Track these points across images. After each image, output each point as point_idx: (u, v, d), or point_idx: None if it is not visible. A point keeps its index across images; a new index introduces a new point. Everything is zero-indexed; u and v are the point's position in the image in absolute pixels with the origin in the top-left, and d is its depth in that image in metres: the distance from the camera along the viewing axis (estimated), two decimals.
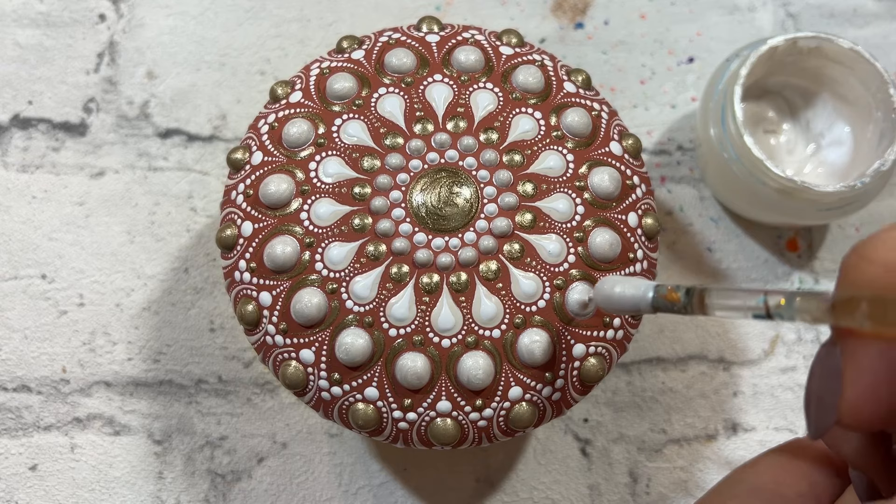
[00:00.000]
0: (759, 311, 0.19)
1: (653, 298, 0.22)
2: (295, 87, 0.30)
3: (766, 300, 0.18)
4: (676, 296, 0.21)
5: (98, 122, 0.39)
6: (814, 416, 0.19)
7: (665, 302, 0.22)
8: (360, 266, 0.27)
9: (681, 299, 0.21)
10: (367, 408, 0.27)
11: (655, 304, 0.22)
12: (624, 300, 0.23)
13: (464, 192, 0.27)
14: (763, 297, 0.18)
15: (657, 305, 0.22)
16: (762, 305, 0.18)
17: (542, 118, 0.29)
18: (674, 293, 0.21)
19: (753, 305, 0.19)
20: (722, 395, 0.37)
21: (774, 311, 0.18)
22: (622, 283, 0.24)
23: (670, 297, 0.21)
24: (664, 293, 0.22)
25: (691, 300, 0.21)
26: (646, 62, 0.41)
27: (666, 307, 0.22)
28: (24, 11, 0.40)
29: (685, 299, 0.21)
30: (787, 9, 0.42)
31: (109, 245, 0.37)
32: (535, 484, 0.36)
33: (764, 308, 0.18)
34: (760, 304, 0.18)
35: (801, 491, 0.22)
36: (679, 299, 0.21)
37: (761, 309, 0.18)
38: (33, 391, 0.36)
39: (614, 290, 0.23)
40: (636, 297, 0.23)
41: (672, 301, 0.21)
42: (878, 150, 0.35)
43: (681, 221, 0.39)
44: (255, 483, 0.35)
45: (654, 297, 0.22)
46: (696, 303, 0.21)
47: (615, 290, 0.23)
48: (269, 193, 0.27)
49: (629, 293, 0.23)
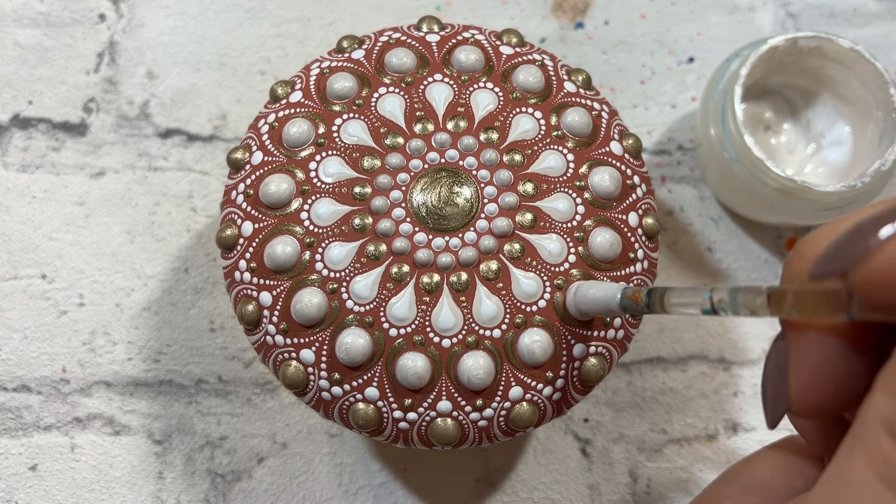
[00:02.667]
0: (706, 307, 0.19)
1: (620, 299, 0.23)
2: (295, 87, 0.30)
3: (712, 296, 0.19)
4: (639, 296, 0.23)
5: (98, 122, 0.39)
6: (770, 407, 0.19)
7: (630, 302, 0.23)
8: (360, 266, 0.27)
9: (643, 299, 0.22)
10: (367, 408, 0.27)
11: (623, 305, 0.23)
12: (596, 301, 0.25)
13: (464, 191, 0.27)
14: (709, 293, 0.19)
15: (624, 306, 0.23)
16: (707, 300, 0.19)
17: (543, 118, 0.29)
18: (637, 294, 0.23)
19: (700, 301, 0.20)
20: (722, 395, 0.37)
21: (718, 305, 0.19)
22: (596, 286, 0.25)
23: (634, 297, 0.23)
24: (629, 294, 0.23)
25: (652, 300, 0.22)
26: (646, 62, 0.41)
27: (631, 308, 0.23)
28: (24, 11, 0.40)
29: (646, 299, 0.22)
30: (788, 9, 0.42)
31: (109, 245, 0.37)
32: (536, 484, 0.36)
33: (709, 303, 0.19)
34: (706, 300, 0.19)
35: (796, 487, 0.22)
36: (641, 299, 0.22)
37: (707, 303, 0.19)
38: (33, 391, 0.36)
39: (589, 293, 0.25)
40: (606, 299, 0.24)
41: (636, 301, 0.23)
42: (878, 150, 0.35)
43: (681, 221, 0.39)
44: (255, 483, 0.35)
45: (622, 298, 0.23)
46: (658, 302, 0.22)
47: (590, 292, 0.25)
48: (270, 193, 0.27)
49: (600, 295, 0.24)
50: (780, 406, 0.19)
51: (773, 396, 0.19)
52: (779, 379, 0.18)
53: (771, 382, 0.19)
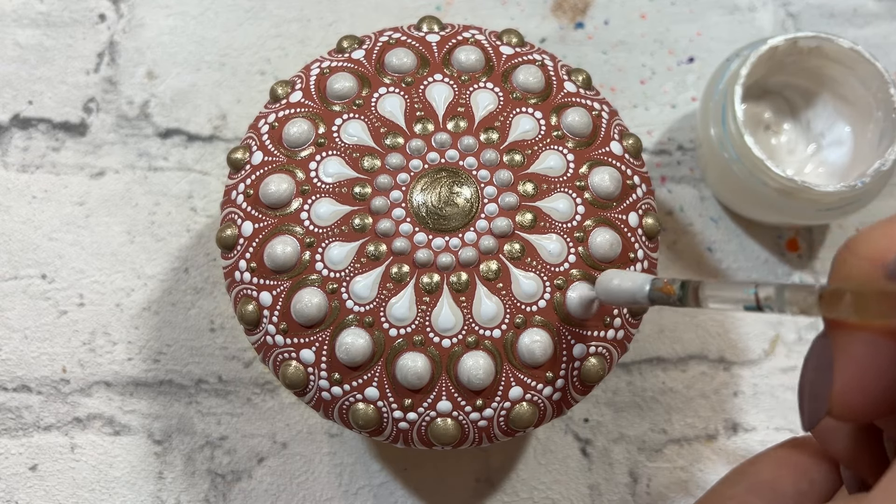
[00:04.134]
0: (750, 303, 0.19)
1: (649, 291, 0.23)
2: (295, 87, 0.30)
3: (757, 292, 0.19)
4: (672, 288, 0.22)
5: (98, 122, 0.39)
6: (807, 408, 0.19)
7: (661, 295, 0.22)
8: (360, 266, 0.27)
9: (676, 292, 0.22)
10: (367, 408, 0.27)
11: (652, 297, 0.23)
12: (622, 292, 0.24)
13: (464, 191, 0.27)
14: (753, 289, 0.19)
15: (654, 298, 0.23)
16: (752, 297, 0.19)
17: (543, 118, 0.29)
18: (669, 286, 0.22)
19: (744, 297, 0.19)
20: (722, 395, 0.37)
21: (764, 302, 0.19)
22: (620, 276, 0.24)
23: (666, 289, 0.22)
24: (660, 286, 0.22)
25: (686, 293, 0.21)
26: (646, 62, 0.41)
27: (662, 300, 0.22)
28: (24, 11, 0.40)
29: (680, 292, 0.22)
30: (788, 9, 0.42)
31: (109, 245, 0.37)
32: (536, 484, 0.36)
33: (754, 299, 0.19)
34: (751, 296, 0.19)
35: (800, 488, 0.22)
36: (674, 292, 0.22)
37: (752, 300, 0.19)
38: (33, 391, 0.36)
39: (612, 283, 0.24)
40: (633, 290, 0.23)
41: (668, 294, 0.22)
42: (878, 150, 0.35)
43: (681, 221, 0.39)
44: (255, 483, 0.35)
45: (651, 289, 0.23)
46: (691, 296, 0.21)
47: (613, 282, 0.24)
48: (270, 193, 0.27)
49: (626, 285, 0.24)
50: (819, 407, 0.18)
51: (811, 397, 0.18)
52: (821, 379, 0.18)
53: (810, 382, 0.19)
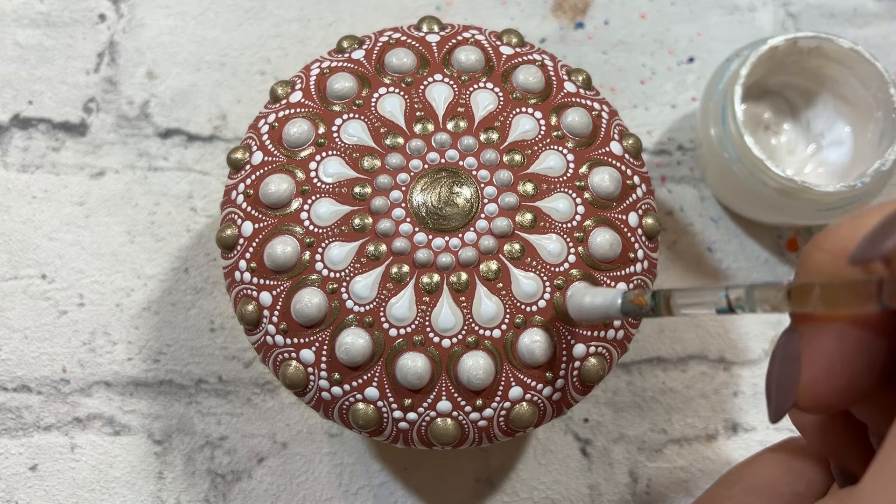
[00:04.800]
0: (722, 305, 0.19)
1: (622, 304, 0.23)
2: (295, 87, 0.30)
3: (728, 294, 0.19)
4: (643, 300, 0.22)
5: (98, 122, 0.39)
6: (774, 401, 0.19)
7: (633, 307, 0.23)
8: (360, 266, 0.27)
9: (647, 303, 0.22)
10: (367, 408, 0.27)
11: (625, 310, 0.23)
12: (594, 309, 0.24)
13: (464, 191, 0.27)
14: (724, 292, 0.19)
15: (627, 311, 0.23)
16: (724, 299, 0.19)
17: (543, 118, 0.29)
18: (640, 297, 0.22)
19: (714, 300, 0.19)
20: (722, 395, 0.37)
21: (735, 304, 0.19)
22: (591, 292, 0.25)
23: (637, 301, 0.23)
24: (631, 298, 0.23)
25: (658, 303, 0.22)
26: (646, 62, 0.41)
27: (635, 312, 0.23)
28: (24, 11, 0.40)
29: (651, 302, 0.22)
30: (788, 9, 0.42)
31: (109, 245, 0.37)
32: (536, 484, 0.36)
33: (726, 302, 0.19)
34: (722, 299, 0.19)
35: (797, 489, 0.22)
36: (646, 303, 0.22)
37: (723, 303, 0.19)
38: (33, 391, 0.36)
39: (584, 300, 0.25)
40: (605, 305, 0.24)
41: (639, 305, 0.22)
42: (878, 150, 0.35)
43: (681, 221, 0.39)
44: (255, 483, 0.35)
45: (623, 302, 0.23)
46: (663, 305, 0.22)
47: (585, 299, 0.25)
48: (270, 193, 0.27)
49: (598, 301, 0.24)
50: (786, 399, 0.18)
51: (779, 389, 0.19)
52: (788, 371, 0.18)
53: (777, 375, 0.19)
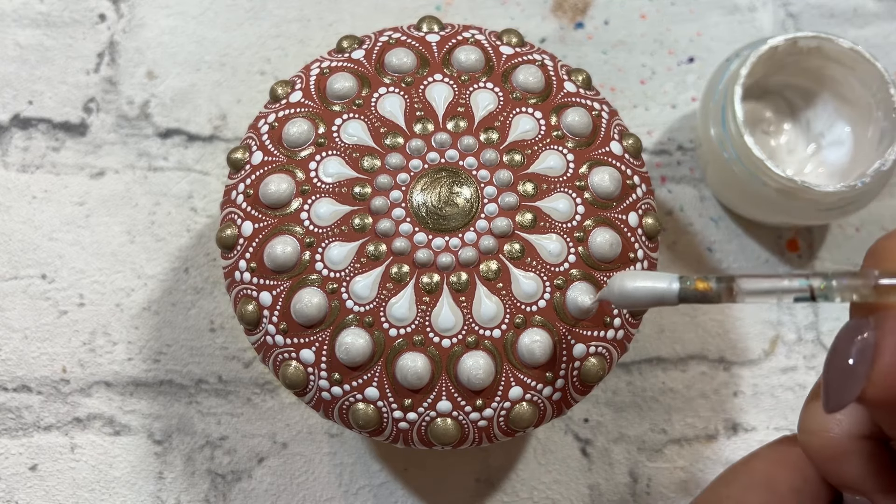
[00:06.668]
0: (804, 294, 0.19)
1: (680, 290, 0.22)
2: (295, 87, 0.30)
3: (811, 283, 0.19)
4: (709, 285, 0.21)
5: (98, 122, 0.39)
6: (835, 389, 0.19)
7: (696, 293, 0.22)
8: (360, 266, 0.27)
9: (713, 288, 0.21)
10: (367, 408, 0.27)
11: (683, 296, 0.22)
12: (647, 294, 0.23)
13: (464, 191, 0.27)
14: (807, 281, 0.19)
15: (685, 297, 0.22)
16: (807, 288, 0.19)
17: (543, 118, 0.29)
18: (705, 283, 0.22)
19: (796, 288, 0.19)
20: (722, 395, 0.37)
21: (819, 292, 0.19)
22: (641, 277, 0.23)
23: (701, 287, 0.22)
24: (692, 285, 0.22)
25: (721, 288, 0.21)
26: (646, 62, 0.41)
27: (696, 297, 0.22)
28: (25, 11, 0.40)
29: (717, 287, 0.21)
30: (788, 9, 0.42)
31: (109, 245, 0.37)
32: (536, 484, 0.36)
33: (809, 291, 0.19)
34: (804, 286, 0.19)
35: (795, 486, 0.22)
36: (712, 289, 0.21)
37: (806, 291, 0.19)
38: (33, 391, 0.36)
39: (635, 284, 0.23)
40: (661, 290, 0.23)
41: (705, 291, 0.22)
42: (878, 150, 0.35)
43: (681, 221, 0.39)
44: (255, 483, 0.35)
45: (681, 288, 0.22)
46: (725, 292, 0.21)
47: (636, 283, 0.23)
48: (270, 193, 0.27)
49: (650, 286, 0.23)
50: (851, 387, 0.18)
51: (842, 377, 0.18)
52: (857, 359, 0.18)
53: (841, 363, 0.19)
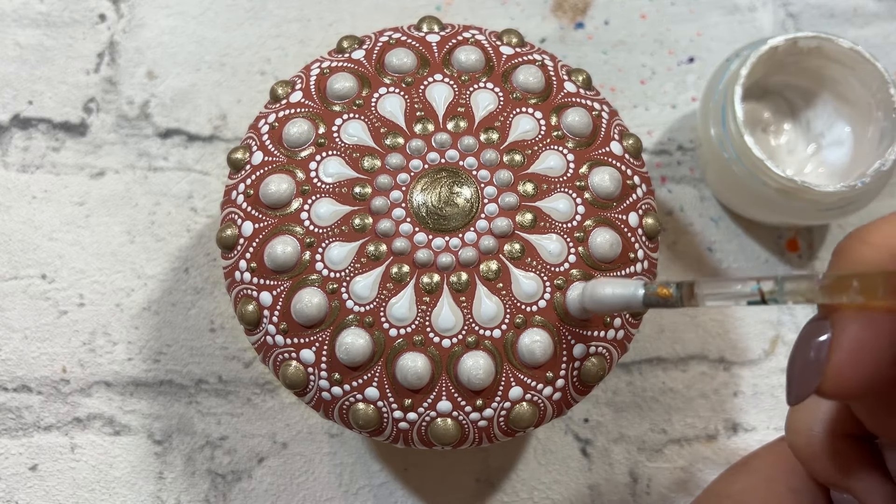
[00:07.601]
0: (755, 298, 0.20)
1: (644, 296, 0.23)
2: (295, 87, 0.30)
3: (761, 287, 0.19)
4: (668, 291, 0.22)
5: (98, 122, 0.39)
6: (795, 385, 0.20)
7: (657, 298, 0.23)
8: (360, 266, 0.27)
9: (672, 294, 0.22)
10: (367, 408, 0.27)
11: (647, 301, 0.23)
12: (615, 299, 0.24)
13: (464, 191, 0.27)
14: (757, 285, 0.19)
15: (649, 302, 0.23)
16: (757, 292, 0.19)
17: (543, 118, 0.29)
18: (665, 289, 0.22)
19: (748, 292, 0.20)
20: (722, 395, 0.37)
21: (769, 296, 0.19)
22: (611, 283, 0.24)
23: (662, 293, 0.23)
24: (654, 290, 0.23)
25: (682, 294, 0.22)
26: (646, 62, 0.41)
27: (658, 303, 0.23)
28: (25, 11, 0.40)
29: (676, 293, 0.22)
30: (788, 9, 0.42)
31: (109, 245, 0.37)
32: (536, 484, 0.36)
33: (759, 294, 0.19)
34: (755, 291, 0.20)
35: (794, 486, 0.22)
36: (671, 295, 0.22)
37: (756, 295, 0.20)
38: (33, 391, 0.36)
39: (604, 291, 0.24)
40: (626, 296, 0.24)
41: (664, 297, 0.22)
42: (878, 150, 0.35)
43: (681, 221, 0.39)
44: (255, 483, 0.35)
45: (645, 294, 0.23)
46: (686, 296, 0.22)
47: (606, 290, 0.24)
48: (270, 193, 0.27)
49: (619, 292, 0.24)
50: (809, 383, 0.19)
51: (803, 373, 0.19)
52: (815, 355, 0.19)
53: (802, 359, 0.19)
